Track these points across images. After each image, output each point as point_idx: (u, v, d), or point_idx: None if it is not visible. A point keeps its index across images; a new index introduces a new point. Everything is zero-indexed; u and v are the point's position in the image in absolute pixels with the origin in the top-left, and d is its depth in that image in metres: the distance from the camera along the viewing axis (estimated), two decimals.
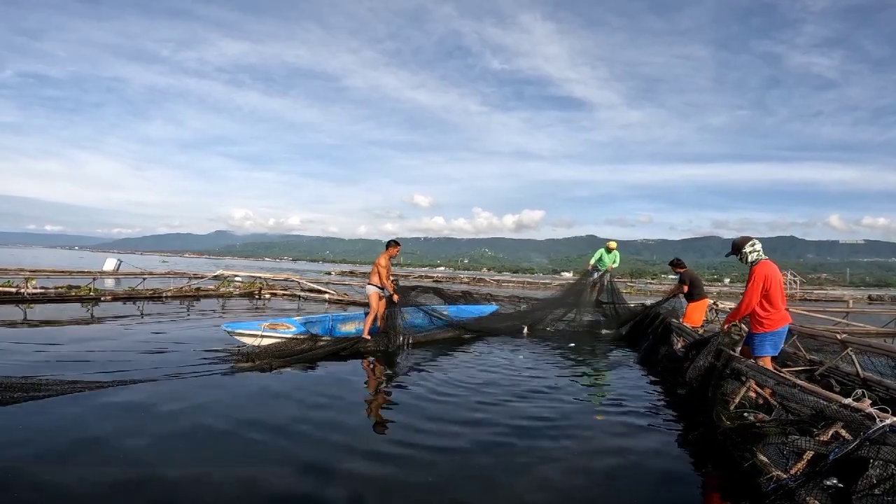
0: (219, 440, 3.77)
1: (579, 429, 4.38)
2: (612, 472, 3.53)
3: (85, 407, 4.27)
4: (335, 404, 4.82)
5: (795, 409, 3.48)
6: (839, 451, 2.60)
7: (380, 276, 7.60)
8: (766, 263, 4.56)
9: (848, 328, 10.27)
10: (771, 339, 4.57)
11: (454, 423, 4.35)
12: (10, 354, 6.27)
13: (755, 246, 4.67)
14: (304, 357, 6.59)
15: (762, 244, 4.78)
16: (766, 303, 4.51)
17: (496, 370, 6.58)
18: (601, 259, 11.79)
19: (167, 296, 14.55)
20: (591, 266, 11.93)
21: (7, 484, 2.92)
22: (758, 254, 4.65)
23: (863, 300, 33.60)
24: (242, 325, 7.28)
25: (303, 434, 3.98)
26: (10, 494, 2.80)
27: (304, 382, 5.64)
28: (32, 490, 2.89)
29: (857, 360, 5.21)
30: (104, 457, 3.37)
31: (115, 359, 6.20)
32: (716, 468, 3.61)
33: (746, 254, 4.66)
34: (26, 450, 3.39)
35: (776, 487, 2.76)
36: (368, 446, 3.78)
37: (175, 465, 3.31)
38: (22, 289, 12.37)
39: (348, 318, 8.70)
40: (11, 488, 2.87)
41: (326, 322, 8.24)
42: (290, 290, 17.78)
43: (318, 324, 8.03)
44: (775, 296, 4.50)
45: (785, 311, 4.63)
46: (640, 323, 9.57)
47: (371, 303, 7.78)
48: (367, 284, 7.86)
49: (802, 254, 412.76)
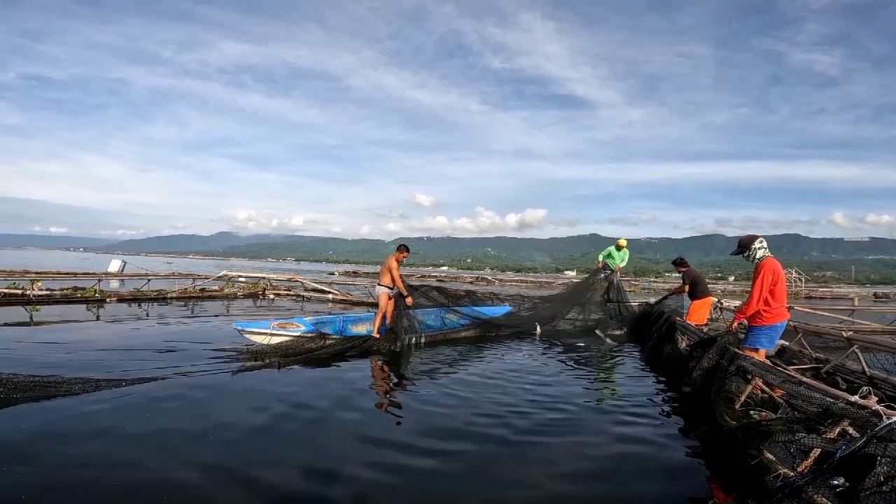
0: (223, 440, 3.78)
1: (585, 427, 4.38)
2: (618, 470, 3.53)
3: (96, 406, 4.30)
4: (341, 405, 4.80)
5: (802, 407, 3.47)
6: (846, 448, 2.59)
7: (394, 279, 7.65)
8: (772, 259, 4.66)
9: (854, 326, 10.22)
10: (767, 332, 4.71)
11: (461, 423, 4.35)
12: (19, 355, 6.32)
13: (763, 243, 4.76)
14: (313, 355, 6.61)
15: (767, 242, 4.80)
16: (769, 297, 4.61)
17: (505, 370, 6.57)
18: (610, 256, 11.59)
19: (172, 297, 14.61)
20: (600, 263, 11.71)
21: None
22: (764, 251, 4.74)
23: (868, 298, 33.41)
24: (253, 324, 7.31)
25: (307, 435, 3.99)
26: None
27: (311, 382, 5.64)
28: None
29: (863, 358, 5.19)
30: (114, 458, 3.39)
31: (125, 358, 6.26)
32: (722, 466, 3.60)
33: (755, 250, 4.74)
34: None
35: (783, 485, 2.75)
36: (374, 448, 3.78)
37: (178, 464, 3.33)
38: (28, 291, 12.44)
39: (360, 319, 8.66)
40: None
41: (337, 322, 8.22)
42: (293, 291, 17.82)
43: (329, 324, 8.02)
44: (779, 291, 4.61)
45: (785, 307, 4.73)
46: (644, 321, 9.57)
47: (380, 303, 7.81)
48: (377, 285, 7.90)
49: (807, 251, 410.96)
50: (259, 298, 16.37)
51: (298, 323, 7.51)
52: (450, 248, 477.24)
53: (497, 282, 35.58)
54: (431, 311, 9.08)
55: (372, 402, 5.15)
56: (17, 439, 3.59)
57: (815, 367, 5.77)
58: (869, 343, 5.26)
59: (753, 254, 4.74)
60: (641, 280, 49.28)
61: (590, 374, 6.70)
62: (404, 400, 5.23)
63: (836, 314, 11.65)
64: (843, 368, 5.50)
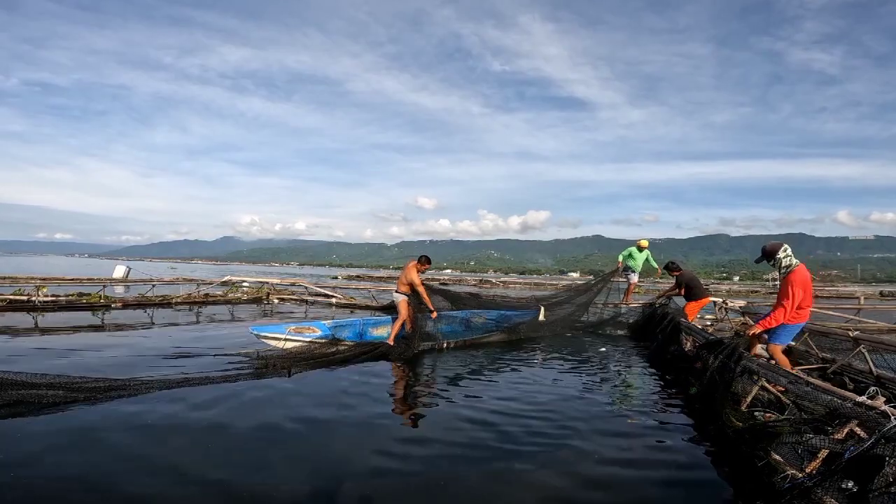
0: (233, 449, 3.76)
1: (590, 428, 4.35)
2: (624, 472, 3.51)
3: (100, 417, 4.31)
4: (353, 413, 4.69)
5: (809, 408, 3.46)
6: (854, 449, 2.58)
7: (419, 294, 7.57)
8: (800, 270, 4.67)
9: (860, 325, 10.15)
10: (793, 330, 4.92)
11: (475, 430, 4.34)
12: (31, 361, 6.33)
13: (788, 251, 4.72)
14: (329, 361, 6.44)
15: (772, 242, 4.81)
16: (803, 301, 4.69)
17: (522, 375, 6.52)
18: (631, 256, 11.19)
19: (176, 302, 14.65)
20: (620, 264, 11.35)
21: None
22: (790, 258, 4.71)
23: (874, 296, 33.19)
24: (268, 329, 7.20)
25: (312, 447, 3.93)
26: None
27: (318, 389, 5.51)
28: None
29: (869, 358, 5.16)
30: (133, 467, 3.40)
31: (136, 363, 6.27)
32: (728, 467, 3.58)
33: (780, 259, 4.71)
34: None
35: (792, 486, 2.73)
36: (382, 456, 3.77)
37: (187, 474, 3.33)
38: (33, 297, 12.50)
39: (380, 323, 8.45)
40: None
41: (357, 326, 8.02)
42: (297, 295, 17.85)
43: (348, 327, 7.86)
44: (808, 298, 4.71)
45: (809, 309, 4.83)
46: (649, 322, 9.56)
47: (400, 310, 7.58)
48: (395, 293, 7.75)
49: (812, 250, 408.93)
50: (263, 303, 16.41)
51: (315, 327, 7.33)
52: (453, 250, 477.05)
53: (500, 284, 35.54)
54: (455, 315, 8.77)
55: (380, 409, 4.97)
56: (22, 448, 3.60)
57: (822, 367, 5.74)
58: (876, 343, 5.23)
59: (779, 263, 4.71)
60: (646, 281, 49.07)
61: (600, 375, 6.69)
62: (414, 407, 5.19)
63: (842, 313, 11.58)
64: (850, 368, 5.47)
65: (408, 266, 7.70)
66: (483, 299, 10.03)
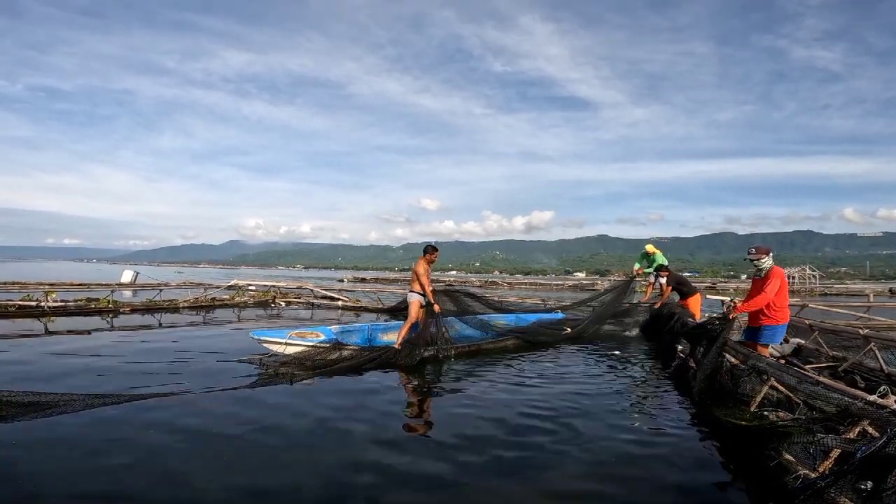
0: (236, 455, 3.75)
1: (600, 427, 4.34)
2: (633, 473, 3.50)
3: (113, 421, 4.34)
4: (358, 422, 4.58)
5: (819, 407, 3.42)
6: (866, 448, 2.55)
7: (421, 284, 7.23)
8: (779, 268, 5.28)
9: (870, 323, 10.06)
10: (782, 330, 5.34)
11: (483, 431, 4.33)
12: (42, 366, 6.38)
13: (770, 255, 5.32)
14: (329, 369, 6.25)
15: (779, 239, 4.96)
16: (780, 298, 5.14)
17: (528, 375, 6.48)
18: (649, 259, 10.78)
19: (183, 306, 14.73)
20: (638, 270, 11.08)
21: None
22: (771, 261, 5.28)
23: (884, 293, 32.90)
24: (270, 333, 7.09)
25: (312, 456, 3.89)
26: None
27: (323, 394, 5.44)
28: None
29: (880, 356, 5.11)
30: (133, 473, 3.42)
31: (144, 370, 6.29)
32: (740, 466, 3.56)
33: (766, 260, 5.22)
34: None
35: (804, 486, 2.71)
36: (390, 458, 3.77)
37: (192, 481, 3.35)
38: (42, 302, 12.61)
39: (389, 328, 8.13)
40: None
41: (365, 331, 7.77)
42: (303, 298, 17.90)
43: (356, 332, 7.62)
44: (785, 299, 5.27)
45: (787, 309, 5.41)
46: (656, 322, 9.52)
47: (411, 311, 7.31)
48: (409, 292, 7.47)
49: (820, 247, 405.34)
50: (269, 307, 16.46)
51: (318, 332, 7.14)
52: (458, 251, 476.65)
53: (505, 285, 35.47)
54: (468, 318, 8.53)
55: (390, 418, 4.80)
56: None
57: (832, 365, 5.70)
58: (886, 340, 5.18)
59: (764, 263, 5.19)
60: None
61: (604, 374, 6.66)
62: (421, 415, 5.14)
63: (851, 311, 11.48)
64: (860, 367, 5.43)
65: (418, 261, 7.39)
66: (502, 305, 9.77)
